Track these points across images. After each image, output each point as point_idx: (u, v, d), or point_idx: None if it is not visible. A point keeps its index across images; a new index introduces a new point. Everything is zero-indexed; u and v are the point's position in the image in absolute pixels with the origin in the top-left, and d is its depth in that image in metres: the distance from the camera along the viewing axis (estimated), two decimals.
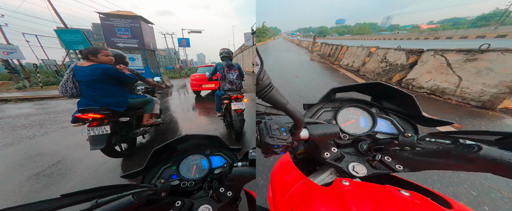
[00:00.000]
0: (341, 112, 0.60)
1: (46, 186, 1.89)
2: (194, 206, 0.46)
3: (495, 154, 0.29)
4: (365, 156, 0.47)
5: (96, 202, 0.32)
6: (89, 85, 1.82)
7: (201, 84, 6.66)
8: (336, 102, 0.64)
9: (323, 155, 0.45)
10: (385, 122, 0.58)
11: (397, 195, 0.32)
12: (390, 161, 0.43)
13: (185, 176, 0.57)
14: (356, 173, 0.43)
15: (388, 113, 0.60)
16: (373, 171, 0.43)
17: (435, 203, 0.31)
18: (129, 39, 12.95)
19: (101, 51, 1.88)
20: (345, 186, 0.35)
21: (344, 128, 0.57)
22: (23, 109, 5.69)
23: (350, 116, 0.59)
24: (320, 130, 0.41)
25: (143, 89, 3.05)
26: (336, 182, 0.37)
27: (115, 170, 2.11)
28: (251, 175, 0.44)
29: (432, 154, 0.37)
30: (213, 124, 3.69)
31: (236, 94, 2.61)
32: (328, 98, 0.62)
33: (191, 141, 0.63)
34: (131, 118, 2.32)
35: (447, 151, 0.34)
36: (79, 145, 2.78)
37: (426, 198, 0.32)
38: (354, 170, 0.43)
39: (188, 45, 21.14)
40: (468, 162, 0.32)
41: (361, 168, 0.43)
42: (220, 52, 2.88)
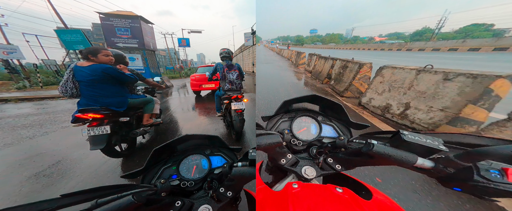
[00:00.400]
0: (295, 121, 0.67)
1: (46, 186, 1.89)
2: (194, 206, 0.46)
3: (381, 149, 0.37)
4: (315, 159, 0.52)
5: (96, 202, 0.32)
6: (89, 85, 1.82)
7: (201, 84, 6.66)
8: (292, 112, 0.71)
9: (280, 162, 0.49)
10: (329, 127, 0.66)
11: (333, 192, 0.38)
12: (332, 162, 0.49)
13: (185, 176, 0.57)
14: (307, 175, 0.48)
15: (331, 119, 0.68)
16: (321, 172, 0.49)
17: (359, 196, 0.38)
18: (129, 39, 12.95)
19: (101, 51, 1.88)
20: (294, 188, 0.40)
21: (298, 135, 0.63)
22: (23, 109, 5.69)
23: (303, 124, 0.66)
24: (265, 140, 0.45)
25: (143, 89, 3.05)
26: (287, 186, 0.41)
27: (115, 170, 2.11)
28: (251, 175, 0.44)
29: (354, 153, 0.43)
30: (213, 124, 3.69)
31: (236, 94, 2.61)
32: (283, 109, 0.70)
33: (191, 141, 0.63)
34: (131, 118, 2.32)
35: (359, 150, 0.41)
36: (79, 145, 2.78)
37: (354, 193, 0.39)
38: (305, 173, 0.48)
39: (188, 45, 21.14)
40: (370, 157, 0.40)
41: (311, 171, 0.48)
42: (220, 52, 2.88)
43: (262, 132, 0.48)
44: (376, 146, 0.38)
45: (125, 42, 12.85)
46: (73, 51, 10.56)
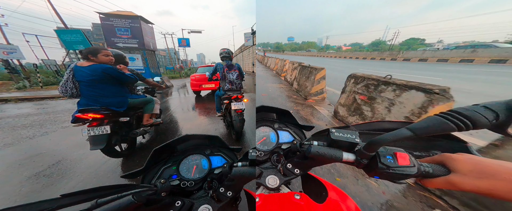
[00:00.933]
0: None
1: (46, 186, 1.89)
2: (194, 206, 0.46)
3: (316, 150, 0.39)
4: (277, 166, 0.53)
5: (96, 202, 0.32)
6: (89, 85, 1.82)
7: (201, 84, 6.66)
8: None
9: None
10: (286, 133, 0.67)
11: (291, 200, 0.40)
12: (291, 167, 0.49)
13: (185, 176, 0.57)
14: (270, 185, 0.48)
15: (287, 125, 0.69)
16: (284, 179, 0.49)
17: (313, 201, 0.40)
18: (129, 39, 12.95)
19: (101, 51, 1.88)
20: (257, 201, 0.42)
21: (258, 146, 0.64)
22: (23, 109, 5.69)
23: (262, 134, 0.66)
24: None
25: (143, 89, 3.05)
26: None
27: (115, 170, 2.11)
28: (251, 175, 0.44)
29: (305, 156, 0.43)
30: (213, 124, 3.69)
31: (236, 94, 2.60)
32: None
33: (191, 141, 0.63)
34: (131, 118, 2.32)
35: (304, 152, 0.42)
36: (79, 145, 2.78)
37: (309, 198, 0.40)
38: (269, 183, 0.49)
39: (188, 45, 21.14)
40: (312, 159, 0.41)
41: (274, 180, 0.49)
42: (220, 52, 2.88)
43: None
44: (313, 147, 0.40)
45: (125, 42, 12.86)
46: (73, 51, 10.56)
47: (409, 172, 0.32)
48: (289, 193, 0.42)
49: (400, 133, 0.30)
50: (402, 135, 0.29)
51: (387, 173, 0.33)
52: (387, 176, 0.33)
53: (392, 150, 0.35)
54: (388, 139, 0.30)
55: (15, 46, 11.61)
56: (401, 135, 0.30)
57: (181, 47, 24.73)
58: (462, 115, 0.27)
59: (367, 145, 0.34)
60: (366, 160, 0.35)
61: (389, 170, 0.32)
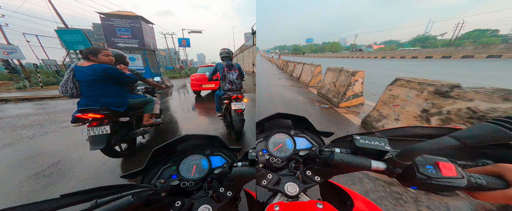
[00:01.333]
0: (270, 139, 0.66)
1: (46, 186, 1.89)
2: (194, 206, 0.46)
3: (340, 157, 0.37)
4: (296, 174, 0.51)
5: (96, 202, 0.32)
6: (89, 85, 1.82)
7: (201, 84, 6.66)
8: (267, 131, 0.70)
9: (262, 184, 0.48)
10: (303, 139, 0.65)
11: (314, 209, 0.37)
12: (311, 174, 0.48)
13: (185, 176, 0.57)
14: (289, 192, 0.46)
15: (303, 131, 0.68)
16: (303, 187, 0.47)
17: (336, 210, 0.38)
18: (130, 39, 12.96)
19: (102, 51, 1.88)
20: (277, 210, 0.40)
21: (275, 152, 0.63)
22: (23, 109, 5.69)
23: (278, 140, 0.66)
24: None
25: (143, 89, 3.05)
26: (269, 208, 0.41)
27: (115, 170, 2.11)
28: (251, 175, 0.44)
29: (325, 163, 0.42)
30: (213, 124, 3.69)
31: (236, 94, 2.61)
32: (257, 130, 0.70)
33: (191, 141, 0.63)
34: (131, 118, 2.32)
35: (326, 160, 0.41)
36: (79, 145, 2.78)
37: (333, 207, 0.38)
38: (288, 190, 0.47)
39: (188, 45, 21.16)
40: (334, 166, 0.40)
41: (293, 187, 0.47)
42: (220, 52, 2.88)
43: None
44: (336, 154, 0.38)
45: (126, 42, 12.86)
46: (73, 51, 10.57)
47: (457, 184, 0.29)
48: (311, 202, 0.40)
49: (443, 141, 0.27)
50: (445, 143, 0.27)
51: (429, 184, 0.30)
52: (428, 187, 0.31)
53: (432, 160, 0.32)
54: (428, 147, 0.28)
55: (15, 46, 11.62)
56: (445, 144, 0.27)
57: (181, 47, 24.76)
58: None
59: (402, 154, 0.31)
60: (400, 169, 0.33)
61: (431, 181, 0.30)
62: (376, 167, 0.35)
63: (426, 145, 0.28)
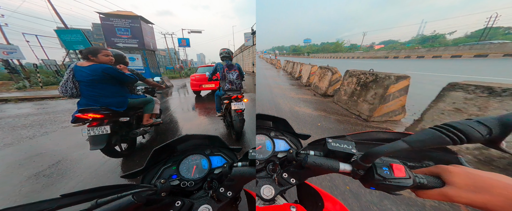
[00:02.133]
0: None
1: (46, 186, 1.89)
2: (194, 206, 0.46)
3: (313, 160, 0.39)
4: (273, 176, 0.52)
5: (96, 202, 0.32)
6: (89, 85, 1.82)
7: (201, 84, 6.66)
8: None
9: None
10: (282, 141, 0.65)
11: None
12: (287, 176, 0.48)
13: (185, 176, 0.57)
14: (265, 196, 0.47)
15: (283, 133, 0.67)
16: (279, 189, 0.48)
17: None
18: (129, 39, 12.96)
19: (101, 51, 1.88)
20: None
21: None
22: (23, 109, 5.69)
23: (258, 142, 0.65)
24: None
25: (143, 89, 3.05)
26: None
27: (115, 170, 2.11)
28: (251, 175, 0.44)
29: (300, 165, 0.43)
30: (213, 124, 3.69)
31: (236, 94, 2.61)
32: None
33: (191, 141, 0.63)
34: (131, 118, 2.32)
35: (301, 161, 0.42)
36: (79, 145, 2.78)
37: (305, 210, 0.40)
38: (263, 193, 0.47)
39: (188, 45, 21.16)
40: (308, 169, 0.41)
41: (269, 190, 0.47)
42: (220, 52, 2.88)
43: None
44: (309, 157, 0.40)
45: (125, 42, 12.86)
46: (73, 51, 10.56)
47: (405, 183, 0.32)
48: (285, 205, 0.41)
49: (396, 145, 0.30)
50: (398, 147, 0.30)
51: (384, 185, 0.33)
52: (383, 188, 0.34)
53: (388, 162, 0.35)
54: (385, 151, 0.31)
55: (15, 46, 11.61)
56: (398, 147, 0.30)
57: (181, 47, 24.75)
58: (456, 129, 0.27)
59: (364, 156, 0.34)
60: (363, 171, 0.36)
61: (385, 182, 0.33)
62: (343, 169, 0.37)
63: (384, 148, 0.31)
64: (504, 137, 0.27)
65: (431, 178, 0.33)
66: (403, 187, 0.32)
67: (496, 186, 0.27)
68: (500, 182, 0.27)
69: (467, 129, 0.27)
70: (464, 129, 0.27)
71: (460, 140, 0.27)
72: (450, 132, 0.27)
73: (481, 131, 0.27)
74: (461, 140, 0.27)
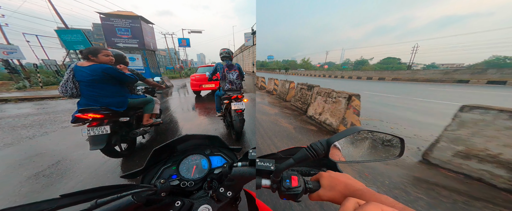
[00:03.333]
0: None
1: (46, 186, 1.89)
2: (194, 206, 0.46)
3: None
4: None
5: (96, 202, 0.32)
6: (89, 85, 1.82)
7: (201, 84, 6.66)
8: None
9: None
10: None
11: None
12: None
13: (185, 176, 0.57)
14: None
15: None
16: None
17: None
18: (130, 39, 12.97)
19: (101, 51, 1.88)
20: None
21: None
22: (23, 109, 5.69)
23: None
24: None
25: (143, 89, 3.05)
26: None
27: (115, 170, 2.11)
28: (251, 175, 0.44)
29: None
30: (213, 124, 3.69)
31: (236, 94, 2.61)
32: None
33: (191, 141, 0.63)
34: (131, 118, 2.32)
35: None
36: (79, 145, 2.78)
37: None
38: None
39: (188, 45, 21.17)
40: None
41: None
42: (220, 52, 2.88)
43: None
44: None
45: (125, 42, 12.87)
46: (73, 51, 10.57)
47: (297, 191, 0.40)
48: None
49: (288, 162, 0.38)
50: (289, 163, 0.38)
51: (288, 194, 0.40)
52: (289, 197, 0.41)
53: (290, 174, 0.42)
54: (283, 167, 0.38)
55: (15, 46, 11.62)
56: (289, 164, 0.38)
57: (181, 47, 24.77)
58: (312, 148, 0.36)
59: (274, 172, 0.40)
60: (276, 184, 0.42)
61: (288, 192, 0.40)
62: (265, 184, 0.43)
63: (282, 165, 0.38)
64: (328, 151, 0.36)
65: (316, 182, 0.42)
66: (297, 194, 0.40)
67: (338, 183, 0.38)
68: (339, 180, 0.38)
69: (316, 147, 0.36)
70: (316, 148, 0.35)
71: (314, 155, 0.35)
72: (309, 151, 0.36)
73: (321, 148, 0.35)
74: (315, 155, 0.35)
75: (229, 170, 0.48)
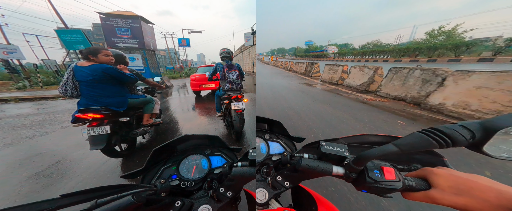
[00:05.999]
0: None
1: (46, 186, 1.89)
2: (194, 206, 0.46)
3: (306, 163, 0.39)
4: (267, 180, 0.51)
5: (96, 202, 0.32)
6: (89, 85, 1.82)
7: (201, 84, 6.66)
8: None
9: None
10: (277, 144, 0.65)
11: None
12: (281, 179, 0.47)
13: (185, 176, 0.57)
14: (259, 200, 0.46)
15: (278, 136, 0.67)
16: (273, 193, 0.47)
17: None
18: (129, 39, 12.95)
19: (101, 51, 1.88)
20: None
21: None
22: (23, 109, 5.69)
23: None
24: None
25: (143, 89, 3.05)
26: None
27: (115, 170, 2.11)
28: (251, 175, 0.44)
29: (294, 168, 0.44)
30: (213, 124, 3.69)
31: (236, 94, 2.61)
32: None
33: (191, 141, 0.63)
34: (131, 118, 2.32)
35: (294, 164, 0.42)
36: (79, 145, 2.78)
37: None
38: (258, 198, 0.46)
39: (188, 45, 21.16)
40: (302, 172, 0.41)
41: (262, 194, 0.47)
42: (220, 52, 2.88)
43: None
44: (303, 160, 0.40)
45: (125, 42, 12.86)
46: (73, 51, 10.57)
47: (395, 186, 0.33)
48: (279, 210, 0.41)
49: (387, 149, 0.31)
50: (389, 150, 0.31)
51: (375, 187, 0.34)
52: (375, 190, 0.35)
53: (379, 165, 0.36)
54: (376, 154, 0.31)
55: (15, 46, 11.61)
56: (388, 151, 0.31)
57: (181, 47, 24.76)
58: (443, 133, 0.28)
59: (356, 159, 0.34)
60: (355, 174, 0.36)
61: (377, 184, 0.33)
62: (336, 172, 0.38)
63: (375, 151, 0.32)
64: (486, 141, 0.27)
65: (419, 180, 0.34)
66: (394, 189, 0.33)
67: (475, 188, 0.28)
68: (478, 184, 0.28)
69: (453, 133, 0.27)
70: (450, 133, 0.27)
71: (446, 143, 0.27)
72: (436, 136, 0.28)
73: (465, 134, 0.27)
74: (447, 143, 0.27)
75: (229, 170, 0.48)
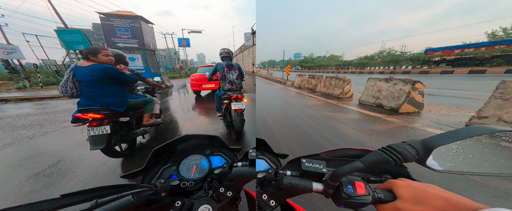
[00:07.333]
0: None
1: (46, 186, 1.89)
2: (194, 206, 0.46)
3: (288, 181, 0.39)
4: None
5: (96, 202, 0.32)
6: (89, 85, 1.82)
7: (201, 84, 6.66)
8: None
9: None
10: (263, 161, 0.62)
11: None
12: (266, 198, 0.46)
13: (185, 176, 0.57)
14: None
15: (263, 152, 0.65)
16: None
17: None
18: (129, 39, 12.96)
19: (101, 51, 1.88)
20: None
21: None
22: (23, 109, 5.69)
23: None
24: None
25: (143, 89, 3.05)
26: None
27: (115, 170, 2.11)
28: (251, 175, 0.44)
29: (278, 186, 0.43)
30: (213, 124, 3.69)
31: (236, 94, 2.61)
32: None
33: (191, 141, 0.63)
34: (131, 118, 2.32)
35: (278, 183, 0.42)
36: (79, 145, 2.78)
37: None
38: None
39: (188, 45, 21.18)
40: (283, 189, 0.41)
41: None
42: (220, 52, 2.88)
43: None
44: (285, 178, 0.40)
45: (125, 42, 12.87)
46: (73, 51, 10.57)
47: (365, 200, 0.34)
48: None
49: (355, 166, 0.33)
50: (357, 167, 0.33)
51: (350, 202, 0.35)
52: (350, 205, 0.35)
53: (352, 180, 0.38)
54: (347, 170, 0.34)
55: (15, 46, 11.62)
56: (357, 167, 0.33)
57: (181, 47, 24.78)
58: (396, 151, 0.31)
59: (332, 176, 0.36)
60: (332, 189, 0.37)
61: (351, 200, 0.35)
62: (316, 188, 0.39)
63: (346, 168, 0.34)
64: (427, 157, 0.31)
65: (386, 192, 0.35)
66: (365, 203, 0.34)
67: (428, 196, 0.30)
68: (430, 193, 0.30)
69: (403, 150, 0.31)
70: (401, 150, 0.31)
71: (399, 160, 0.30)
72: (392, 153, 0.31)
73: (412, 152, 0.31)
74: (400, 160, 0.30)
75: (229, 170, 0.48)
